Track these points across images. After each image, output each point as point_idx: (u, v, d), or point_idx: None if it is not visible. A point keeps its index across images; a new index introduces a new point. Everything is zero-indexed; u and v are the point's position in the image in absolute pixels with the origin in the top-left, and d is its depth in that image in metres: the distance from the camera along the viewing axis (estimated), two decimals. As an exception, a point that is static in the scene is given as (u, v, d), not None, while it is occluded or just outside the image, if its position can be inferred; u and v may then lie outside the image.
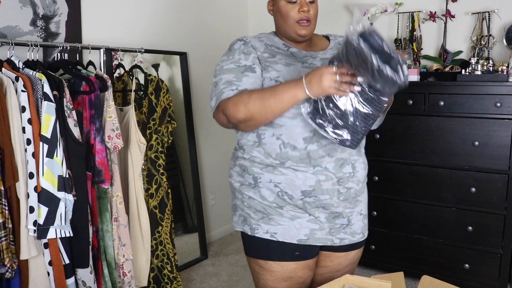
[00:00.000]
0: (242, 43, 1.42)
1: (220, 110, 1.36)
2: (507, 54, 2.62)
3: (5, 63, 1.81)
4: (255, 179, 1.42)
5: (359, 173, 1.46)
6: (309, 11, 1.42)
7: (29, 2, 2.16)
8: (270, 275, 1.46)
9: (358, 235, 1.52)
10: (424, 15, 2.93)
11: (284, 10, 1.42)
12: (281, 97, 1.26)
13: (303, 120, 1.33)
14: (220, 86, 1.37)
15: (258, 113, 1.29)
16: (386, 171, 2.67)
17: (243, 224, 1.49)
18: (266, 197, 1.42)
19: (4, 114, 1.69)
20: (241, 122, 1.33)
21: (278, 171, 1.39)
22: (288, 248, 1.43)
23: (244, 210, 1.48)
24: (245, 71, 1.37)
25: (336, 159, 1.38)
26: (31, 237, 1.74)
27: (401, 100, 2.57)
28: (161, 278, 2.47)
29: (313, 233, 1.43)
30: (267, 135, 1.38)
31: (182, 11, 3.09)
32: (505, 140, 2.31)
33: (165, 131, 2.47)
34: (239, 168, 1.48)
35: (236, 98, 1.31)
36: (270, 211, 1.42)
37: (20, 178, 1.72)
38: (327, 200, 1.39)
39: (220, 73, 1.40)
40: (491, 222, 2.39)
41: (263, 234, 1.43)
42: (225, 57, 1.43)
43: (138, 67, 2.43)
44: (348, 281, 1.35)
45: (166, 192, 2.47)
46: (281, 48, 1.46)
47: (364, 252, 2.79)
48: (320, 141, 1.35)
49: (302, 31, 1.42)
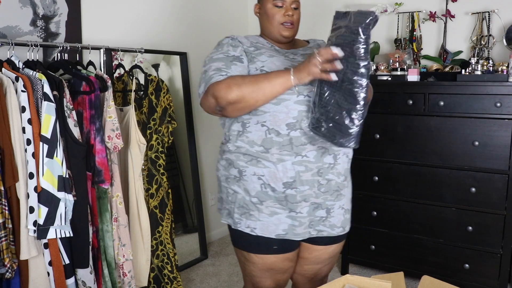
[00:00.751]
0: (230, 39, 1.54)
1: (209, 93, 1.41)
2: (507, 54, 2.62)
3: (5, 63, 1.81)
4: (240, 172, 1.50)
5: (340, 166, 1.52)
6: (293, 15, 1.55)
7: (29, 2, 2.16)
8: (253, 266, 1.58)
9: (338, 229, 1.58)
10: (424, 15, 2.94)
11: (270, 13, 1.55)
12: (274, 81, 1.35)
13: (286, 106, 1.41)
14: (209, 73, 1.44)
15: (250, 94, 1.35)
16: (386, 171, 2.67)
17: (228, 217, 1.59)
18: (249, 191, 1.49)
19: (4, 114, 1.69)
20: (230, 104, 1.37)
21: (261, 164, 1.45)
22: (267, 242, 1.51)
23: (229, 204, 1.56)
24: (234, 60, 1.46)
25: (318, 147, 1.45)
26: (31, 237, 1.74)
27: (401, 100, 2.57)
28: (161, 278, 2.47)
29: (292, 228, 1.50)
30: (252, 123, 1.45)
31: (182, 11, 3.09)
32: (505, 140, 2.31)
33: (165, 131, 2.47)
34: (225, 162, 1.55)
35: (229, 80, 1.38)
36: (251, 207, 1.50)
37: (20, 178, 1.72)
38: (306, 191, 1.46)
39: (209, 62, 1.49)
40: (491, 222, 2.39)
41: (245, 228, 1.52)
42: (214, 50, 1.54)
43: (138, 67, 2.43)
44: (348, 281, 1.35)
45: (166, 192, 2.47)
46: (266, 45, 1.58)
47: (364, 252, 2.83)
48: (303, 128, 1.42)
49: (286, 32, 1.55)
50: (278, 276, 1.59)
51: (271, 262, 1.54)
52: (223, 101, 1.37)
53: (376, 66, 2.78)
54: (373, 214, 2.73)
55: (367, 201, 2.75)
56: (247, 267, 1.60)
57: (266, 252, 1.53)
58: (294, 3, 1.56)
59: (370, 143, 2.70)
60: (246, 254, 1.57)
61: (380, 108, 2.64)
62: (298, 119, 1.41)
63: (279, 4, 1.53)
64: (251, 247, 1.54)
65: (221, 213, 1.63)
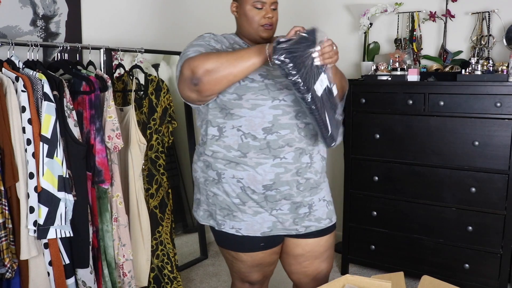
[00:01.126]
0: (212, 35, 1.56)
1: (185, 67, 1.39)
2: (507, 54, 2.62)
3: (5, 63, 1.81)
4: (218, 175, 1.51)
5: (317, 164, 1.56)
6: (272, 17, 1.54)
7: (29, 2, 2.16)
8: (242, 264, 1.61)
9: (324, 221, 1.61)
10: (424, 15, 2.93)
11: (250, 14, 1.54)
12: (249, 52, 1.36)
13: (261, 111, 1.44)
14: (187, 52, 1.44)
15: (226, 62, 1.34)
16: (386, 171, 2.67)
17: (209, 219, 1.60)
18: (229, 193, 1.50)
19: (4, 114, 1.69)
20: (207, 73, 1.34)
21: (240, 166, 1.47)
22: (254, 241, 1.54)
23: (210, 206, 1.57)
24: (213, 50, 1.47)
25: (296, 148, 1.48)
26: (31, 237, 1.74)
27: (401, 100, 2.57)
28: (161, 278, 2.47)
29: (275, 225, 1.53)
30: (228, 128, 1.46)
31: (182, 11, 3.09)
32: (505, 140, 2.31)
33: (166, 131, 2.47)
34: (202, 164, 1.56)
35: (207, 52, 1.40)
36: (234, 208, 1.52)
37: (20, 178, 1.72)
38: (287, 190, 1.49)
39: (188, 47, 1.48)
40: (491, 222, 2.39)
41: (229, 229, 1.55)
42: (194, 40, 1.55)
43: (138, 67, 2.43)
44: (348, 281, 1.35)
45: (166, 192, 2.47)
46: (242, 46, 1.59)
47: (364, 252, 2.82)
48: (279, 131, 1.45)
49: (265, 34, 1.55)
50: (265, 268, 1.65)
51: (260, 258, 1.59)
52: (199, 70, 1.34)
53: (376, 66, 2.77)
54: (373, 214, 2.73)
55: (367, 201, 2.75)
56: (236, 265, 1.64)
57: (254, 250, 1.56)
58: (273, 4, 1.55)
59: (370, 143, 2.70)
60: (234, 253, 1.60)
61: (380, 108, 2.64)
62: (274, 123, 1.45)
63: (258, 6, 1.52)
64: (238, 247, 1.57)
65: (198, 215, 1.65)
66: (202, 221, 1.63)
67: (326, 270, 1.71)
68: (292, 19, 3.51)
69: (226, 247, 1.61)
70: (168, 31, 2.97)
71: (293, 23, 3.56)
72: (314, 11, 3.36)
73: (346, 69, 3.24)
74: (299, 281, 1.72)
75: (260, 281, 1.69)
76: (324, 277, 1.71)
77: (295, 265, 1.68)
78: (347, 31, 3.25)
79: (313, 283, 1.69)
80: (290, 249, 1.65)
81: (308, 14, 3.40)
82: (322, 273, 1.70)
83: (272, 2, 1.54)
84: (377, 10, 2.94)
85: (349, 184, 2.81)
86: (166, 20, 2.96)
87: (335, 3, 3.27)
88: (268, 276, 1.72)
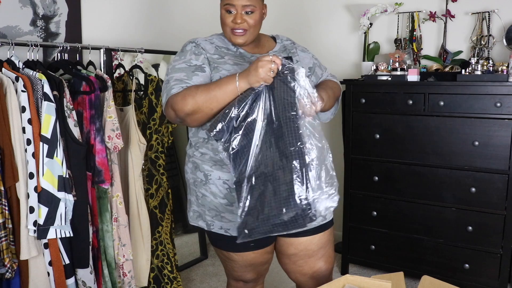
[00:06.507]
0: (194, 45, 1.52)
1: (169, 105, 1.43)
2: (507, 54, 2.62)
3: (5, 63, 1.81)
4: (205, 176, 1.52)
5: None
6: (243, 22, 1.49)
7: (29, 2, 2.16)
8: (234, 263, 1.63)
9: (318, 218, 1.57)
10: (424, 15, 2.93)
11: (222, 18, 1.53)
12: (225, 87, 1.36)
13: None
14: (171, 83, 1.45)
15: (204, 103, 1.36)
16: (386, 171, 2.67)
17: (198, 219, 1.61)
18: (216, 194, 1.52)
19: (4, 114, 1.69)
20: (188, 115, 1.39)
21: (226, 168, 1.47)
22: (243, 241, 1.52)
23: (199, 207, 1.58)
24: (196, 70, 1.46)
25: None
26: (31, 237, 1.74)
27: (401, 100, 2.57)
28: (161, 278, 2.47)
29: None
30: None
31: (182, 11, 3.09)
32: (505, 140, 2.31)
33: (165, 131, 2.47)
34: (191, 165, 1.58)
35: (184, 92, 1.40)
36: (222, 209, 1.52)
37: (20, 178, 1.72)
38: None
39: (171, 72, 1.48)
40: (491, 222, 2.39)
41: (218, 230, 1.56)
42: (177, 57, 1.53)
43: (138, 67, 2.43)
44: (348, 281, 1.35)
45: (166, 192, 2.47)
46: (231, 49, 1.56)
47: (364, 252, 2.82)
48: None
49: (237, 39, 1.52)
50: (258, 268, 1.66)
51: (251, 258, 1.60)
52: (181, 113, 1.40)
53: (376, 66, 2.77)
54: (373, 214, 2.73)
55: (367, 201, 2.75)
56: (228, 264, 1.66)
57: (244, 250, 1.56)
58: (248, 7, 1.48)
59: (370, 143, 2.70)
60: (226, 253, 1.62)
61: (380, 108, 2.64)
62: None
63: (229, 9, 1.49)
64: (228, 247, 1.58)
65: (190, 217, 1.66)
66: (192, 222, 1.64)
67: (325, 268, 1.69)
68: (292, 19, 3.52)
69: (219, 247, 1.63)
70: (168, 31, 2.97)
71: (293, 23, 3.57)
72: (314, 11, 3.36)
73: (346, 69, 3.25)
74: (297, 280, 1.72)
75: (254, 279, 1.70)
76: (323, 276, 1.69)
77: (290, 264, 1.68)
78: (347, 31, 3.25)
79: (312, 282, 1.68)
80: (284, 249, 1.65)
81: (308, 14, 3.40)
82: (320, 272, 1.69)
83: (243, 5, 1.47)
84: (377, 10, 2.94)
85: (349, 184, 2.81)
86: (166, 20, 2.96)
87: (335, 3, 3.27)
88: (262, 275, 1.73)
